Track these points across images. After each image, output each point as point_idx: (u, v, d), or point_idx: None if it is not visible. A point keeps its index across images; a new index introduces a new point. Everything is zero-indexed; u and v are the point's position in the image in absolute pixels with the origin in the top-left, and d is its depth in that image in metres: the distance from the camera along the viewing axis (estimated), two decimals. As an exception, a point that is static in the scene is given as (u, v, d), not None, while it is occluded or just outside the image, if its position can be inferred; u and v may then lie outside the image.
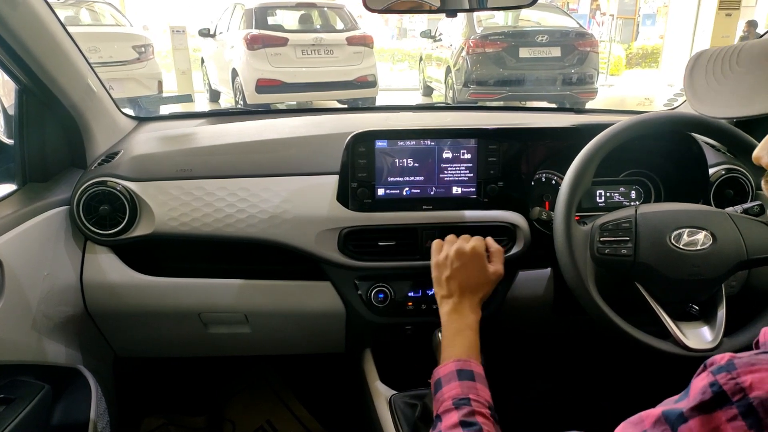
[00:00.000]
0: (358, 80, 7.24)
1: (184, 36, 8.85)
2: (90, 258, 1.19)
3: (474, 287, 0.99)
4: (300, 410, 1.77)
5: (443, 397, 0.83)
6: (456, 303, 0.97)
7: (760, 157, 0.54)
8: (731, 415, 0.39)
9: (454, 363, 0.87)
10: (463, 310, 0.96)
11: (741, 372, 0.40)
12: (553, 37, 7.19)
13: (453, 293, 0.98)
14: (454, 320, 0.95)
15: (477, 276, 0.99)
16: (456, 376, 0.85)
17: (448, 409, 0.80)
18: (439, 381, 0.87)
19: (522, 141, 1.23)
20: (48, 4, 1.07)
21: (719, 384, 0.40)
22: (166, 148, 1.29)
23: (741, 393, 0.39)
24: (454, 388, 0.83)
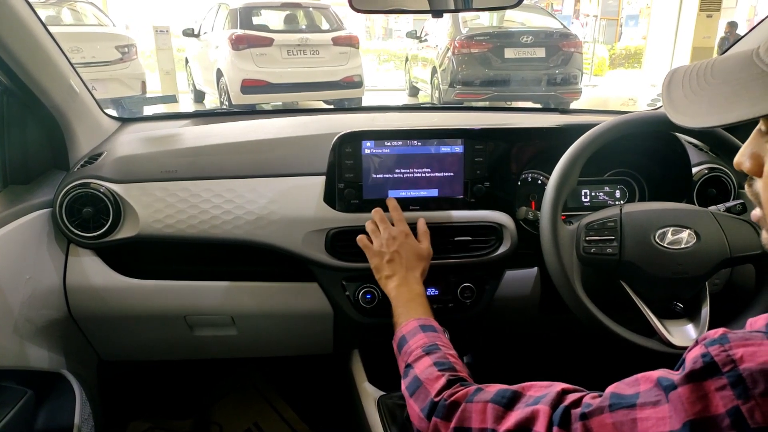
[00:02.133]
0: (344, 80, 7.22)
1: (167, 36, 8.77)
2: (73, 261, 1.17)
3: (412, 264, 1.04)
4: (287, 412, 1.77)
5: (410, 348, 0.86)
6: (401, 278, 1.01)
7: (740, 163, 0.55)
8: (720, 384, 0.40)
9: (415, 320, 0.92)
10: (409, 283, 1.01)
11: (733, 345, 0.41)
12: (537, 38, 7.24)
13: (396, 271, 1.02)
14: (404, 292, 1.00)
15: (412, 254, 1.05)
16: (420, 330, 0.89)
17: (419, 356, 0.83)
18: (404, 337, 0.90)
19: (508, 141, 1.23)
20: (29, 4, 1.05)
21: (711, 355, 0.42)
22: (150, 149, 1.27)
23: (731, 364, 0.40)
24: (421, 339, 0.87)
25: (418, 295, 1.00)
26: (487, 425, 0.63)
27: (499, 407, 0.63)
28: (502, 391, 0.66)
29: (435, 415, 0.71)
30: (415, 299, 0.98)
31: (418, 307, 0.97)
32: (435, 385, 0.75)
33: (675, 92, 0.56)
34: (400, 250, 1.04)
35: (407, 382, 0.81)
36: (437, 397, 0.73)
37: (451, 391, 0.73)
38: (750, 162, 0.54)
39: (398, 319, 0.96)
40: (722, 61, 0.55)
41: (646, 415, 0.45)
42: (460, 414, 0.68)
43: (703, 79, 0.54)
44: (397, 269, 1.02)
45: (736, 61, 0.52)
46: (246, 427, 1.72)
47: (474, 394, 0.69)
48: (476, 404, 0.66)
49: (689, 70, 0.57)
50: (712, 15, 10.60)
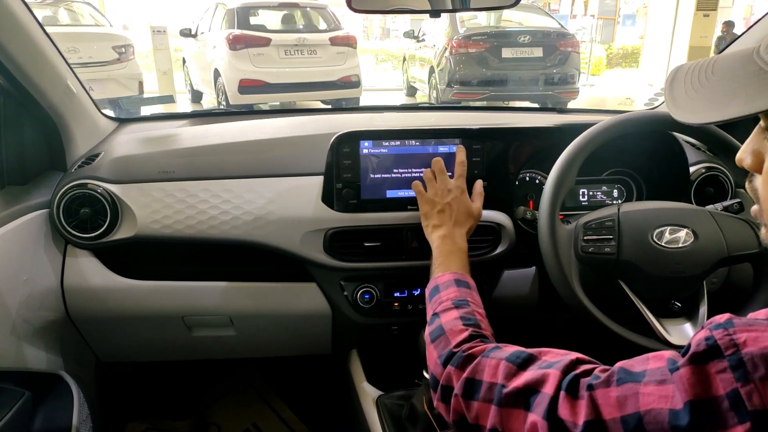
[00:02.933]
0: (342, 80, 7.22)
1: (165, 36, 8.77)
2: (71, 262, 1.17)
3: (461, 220, 1.04)
4: (286, 412, 1.76)
5: (441, 299, 0.87)
6: (448, 230, 1.01)
7: (742, 159, 0.56)
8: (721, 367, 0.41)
9: (451, 274, 0.92)
10: (454, 237, 1.01)
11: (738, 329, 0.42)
12: (535, 38, 7.25)
13: (444, 223, 1.02)
14: (447, 244, 0.99)
15: (464, 210, 1.05)
16: (454, 283, 0.90)
17: (447, 308, 0.85)
18: (437, 287, 0.91)
19: (506, 141, 1.23)
20: (25, 4, 1.05)
21: (714, 338, 0.43)
22: (147, 149, 1.27)
23: (734, 348, 0.41)
24: (453, 292, 0.88)
25: (460, 249, 0.99)
26: (497, 380, 0.64)
27: (512, 366, 0.64)
28: (518, 352, 0.67)
29: (451, 363, 0.73)
30: (456, 253, 0.98)
31: (458, 261, 0.96)
32: (457, 337, 0.77)
33: (677, 89, 0.57)
34: (453, 203, 1.04)
35: (431, 329, 0.83)
36: (456, 348, 0.74)
37: (470, 345, 0.74)
38: (751, 158, 0.55)
39: (435, 269, 0.96)
40: (723, 58, 0.55)
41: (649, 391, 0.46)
42: (473, 366, 0.69)
43: (704, 77, 0.55)
44: (446, 221, 1.02)
45: (736, 58, 0.53)
46: (244, 428, 1.72)
47: (491, 350, 0.70)
48: (491, 360, 0.68)
49: (692, 67, 0.58)
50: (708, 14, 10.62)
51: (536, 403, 0.57)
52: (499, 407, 0.62)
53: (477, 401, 0.65)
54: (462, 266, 0.96)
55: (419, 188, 1.08)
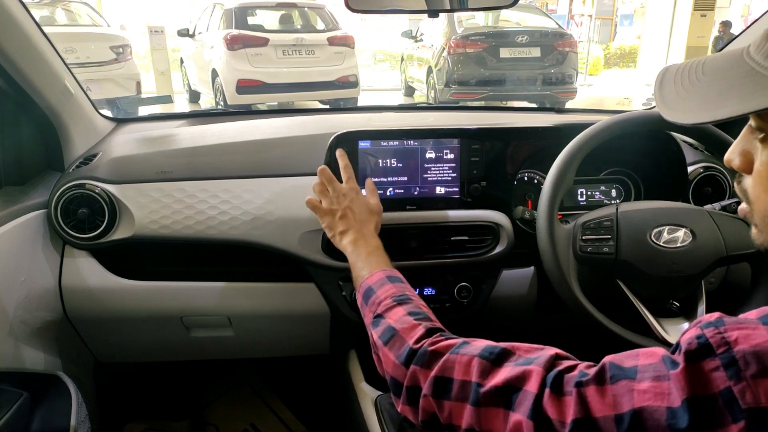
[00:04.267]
0: (340, 80, 7.22)
1: (162, 36, 8.76)
2: (68, 262, 1.17)
3: (364, 218, 1.01)
4: (284, 413, 1.76)
5: (379, 299, 0.83)
6: (356, 232, 0.98)
7: (730, 160, 0.56)
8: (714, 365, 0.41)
9: (381, 272, 0.88)
10: (365, 237, 0.98)
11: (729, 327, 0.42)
12: (532, 38, 7.25)
13: (350, 226, 0.99)
14: (361, 245, 0.96)
15: (364, 208, 1.02)
16: (388, 280, 0.86)
17: (389, 306, 0.80)
18: (370, 288, 0.86)
19: (504, 141, 1.23)
20: (23, 4, 1.05)
21: (706, 336, 0.43)
22: (145, 149, 1.27)
23: (726, 346, 0.41)
24: (390, 289, 0.84)
25: (376, 248, 0.96)
26: (471, 378, 0.61)
27: (486, 362, 0.61)
28: (490, 347, 0.63)
29: (414, 362, 0.68)
30: (374, 252, 0.95)
31: (380, 258, 0.93)
32: (412, 334, 0.73)
33: (667, 89, 0.57)
34: (351, 206, 1.01)
35: (379, 332, 0.77)
36: (416, 345, 0.70)
37: (433, 340, 0.70)
38: (740, 159, 0.55)
39: (360, 272, 0.92)
40: (713, 59, 0.56)
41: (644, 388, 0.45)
42: (442, 364, 0.65)
43: (695, 77, 0.55)
44: (351, 224, 0.99)
45: (726, 59, 0.53)
46: (243, 428, 1.71)
47: (460, 346, 0.66)
48: (461, 356, 0.64)
49: (681, 68, 0.58)
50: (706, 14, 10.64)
51: (519, 401, 0.55)
52: (476, 407, 0.59)
53: (450, 401, 0.62)
54: (385, 262, 0.93)
55: (314, 203, 1.03)
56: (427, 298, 1.22)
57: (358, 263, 0.94)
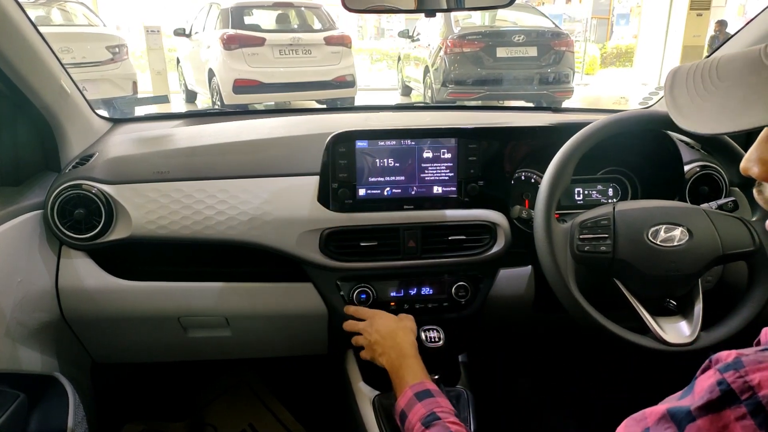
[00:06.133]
0: (337, 80, 7.21)
1: (158, 36, 8.73)
2: (65, 263, 1.17)
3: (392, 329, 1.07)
4: (283, 413, 1.76)
5: (411, 425, 0.87)
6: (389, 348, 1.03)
7: (748, 168, 0.53)
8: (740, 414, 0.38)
9: (409, 389, 0.92)
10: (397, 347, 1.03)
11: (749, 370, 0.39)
12: (529, 37, 7.25)
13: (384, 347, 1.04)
14: (394, 359, 1.01)
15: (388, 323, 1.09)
16: (416, 400, 0.90)
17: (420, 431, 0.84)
18: (403, 412, 0.90)
19: (501, 140, 1.23)
20: (18, 4, 1.04)
21: (727, 382, 0.40)
22: (142, 149, 1.27)
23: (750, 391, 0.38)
24: (419, 411, 0.88)
25: (406, 356, 1.00)
26: None
27: None
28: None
29: None
30: (405, 362, 0.99)
31: (409, 370, 0.97)
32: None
33: (680, 95, 0.54)
34: (379, 329, 1.07)
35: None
36: None
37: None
38: (759, 167, 0.52)
39: (396, 390, 0.97)
40: (728, 62, 0.52)
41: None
42: None
43: (710, 82, 0.52)
44: (384, 345, 1.05)
45: (743, 63, 0.50)
46: (241, 429, 1.71)
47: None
48: None
49: (692, 70, 0.55)
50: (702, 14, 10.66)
51: None
52: None
53: None
54: (414, 373, 0.96)
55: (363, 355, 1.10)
56: (424, 297, 1.23)
57: (394, 381, 0.99)
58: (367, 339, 1.09)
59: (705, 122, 0.50)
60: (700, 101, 0.51)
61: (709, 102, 0.51)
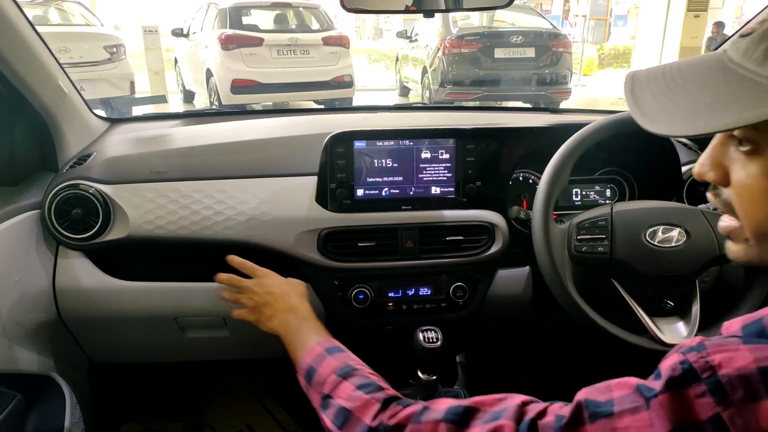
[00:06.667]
0: (335, 80, 7.21)
1: (156, 36, 8.72)
2: (62, 263, 1.16)
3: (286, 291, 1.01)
4: (280, 413, 1.76)
5: (323, 377, 0.78)
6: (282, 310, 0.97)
7: (703, 173, 0.55)
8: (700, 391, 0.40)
9: (317, 345, 0.85)
10: (292, 309, 0.97)
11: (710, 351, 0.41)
12: (527, 38, 7.27)
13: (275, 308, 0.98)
14: (291, 321, 0.95)
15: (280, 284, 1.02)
16: (327, 354, 0.83)
17: (336, 383, 0.76)
18: (311, 368, 0.82)
19: (499, 141, 1.24)
20: (16, 3, 1.04)
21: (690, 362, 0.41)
22: (139, 149, 1.27)
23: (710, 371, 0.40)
24: (331, 363, 0.80)
25: (305, 318, 0.94)
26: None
27: (452, 426, 0.57)
28: (454, 408, 0.59)
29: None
30: (304, 324, 0.93)
31: (311, 330, 0.91)
32: (368, 411, 0.67)
33: (643, 98, 0.53)
34: (269, 289, 1.01)
35: (332, 415, 0.72)
36: (374, 422, 0.65)
37: (391, 413, 0.66)
38: (715, 172, 0.53)
39: (296, 352, 0.88)
40: (690, 64, 0.53)
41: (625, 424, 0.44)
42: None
43: (674, 84, 0.52)
44: (275, 305, 0.98)
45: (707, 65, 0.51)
46: (239, 429, 1.71)
47: (420, 413, 0.62)
48: (425, 424, 0.60)
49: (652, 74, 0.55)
50: (699, 15, 10.70)
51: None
52: None
53: None
54: (317, 332, 0.90)
55: (240, 314, 1.04)
56: (422, 298, 1.23)
57: (292, 342, 0.91)
58: (253, 299, 1.01)
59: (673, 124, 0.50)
60: (666, 102, 0.51)
61: (674, 103, 0.50)
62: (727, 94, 0.47)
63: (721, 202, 0.54)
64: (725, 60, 0.49)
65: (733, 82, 0.47)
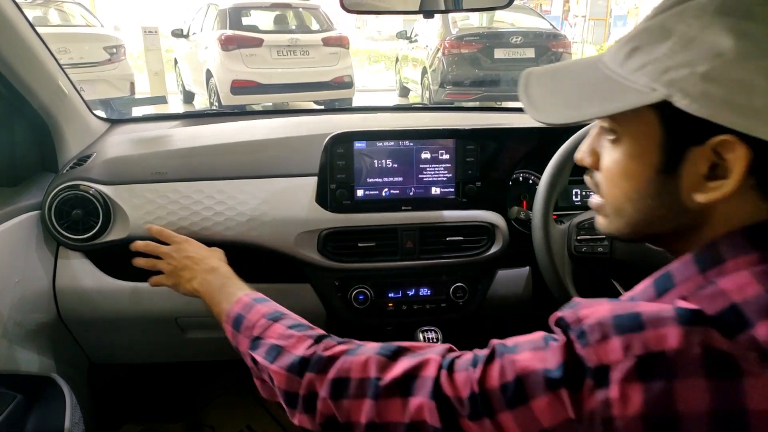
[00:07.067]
0: (335, 81, 7.20)
1: (156, 37, 8.70)
2: (62, 264, 1.16)
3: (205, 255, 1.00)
4: (280, 414, 1.76)
5: (252, 322, 0.79)
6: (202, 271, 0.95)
7: (582, 159, 0.63)
8: (573, 337, 0.49)
9: (245, 296, 0.85)
10: (213, 270, 0.95)
11: (580, 308, 0.51)
12: (527, 39, 7.27)
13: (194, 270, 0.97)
14: (212, 280, 0.93)
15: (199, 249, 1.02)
16: (256, 303, 0.83)
17: (266, 325, 0.77)
18: (239, 315, 0.81)
19: (499, 141, 1.24)
20: (16, 4, 1.04)
21: (564, 317, 0.51)
22: (139, 150, 1.27)
23: (578, 322, 0.49)
24: (260, 310, 0.80)
25: (228, 277, 0.93)
26: (369, 375, 0.61)
27: (383, 358, 0.62)
28: (386, 345, 0.64)
29: (309, 370, 0.66)
30: (228, 282, 0.91)
31: (236, 287, 0.89)
32: (301, 344, 0.70)
33: (533, 92, 0.60)
34: (187, 253, 1.00)
35: (263, 353, 0.73)
36: (308, 351, 0.68)
37: (326, 345, 0.69)
38: (591, 158, 0.61)
39: (220, 306, 0.87)
40: (574, 64, 0.61)
41: (525, 357, 0.52)
42: (338, 366, 0.64)
43: (559, 80, 0.60)
44: (195, 267, 0.97)
45: (586, 64, 0.58)
46: (238, 429, 1.71)
47: (356, 348, 0.66)
48: (357, 357, 0.64)
49: (544, 71, 0.62)
50: (698, 15, 10.70)
51: (418, 387, 0.57)
52: (376, 400, 0.59)
53: (349, 399, 0.62)
54: (242, 288, 0.89)
55: (157, 281, 1.03)
56: (422, 298, 1.23)
57: (215, 298, 0.89)
58: (171, 264, 1.00)
59: (552, 114, 0.57)
60: (549, 96, 0.59)
61: (556, 96, 0.58)
62: (594, 90, 0.54)
63: (592, 183, 0.63)
64: (598, 61, 0.57)
65: (600, 80, 0.54)
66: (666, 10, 0.50)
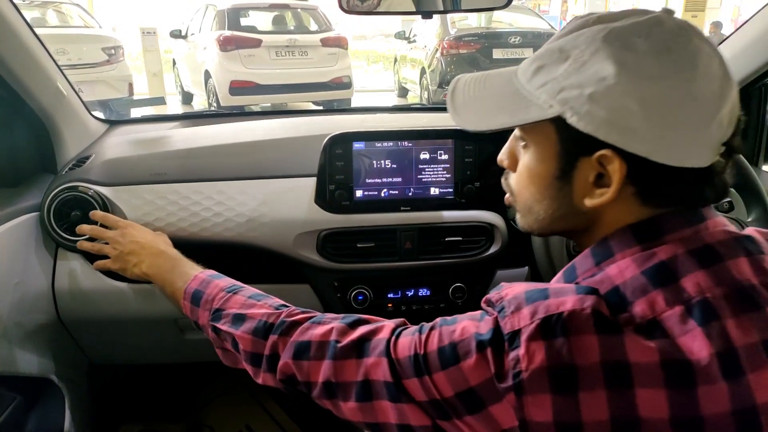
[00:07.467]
0: (333, 81, 7.20)
1: (155, 37, 8.71)
2: (62, 265, 1.16)
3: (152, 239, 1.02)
4: (280, 414, 1.76)
5: (211, 296, 0.81)
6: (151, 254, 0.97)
7: (502, 160, 0.68)
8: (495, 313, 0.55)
9: (201, 273, 0.87)
10: (162, 253, 0.97)
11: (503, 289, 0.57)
12: (525, 39, 7.28)
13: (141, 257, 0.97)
14: (163, 261, 0.95)
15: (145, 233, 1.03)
16: (212, 279, 0.85)
17: (225, 298, 0.80)
18: (197, 290, 0.84)
19: (497, 141, 1.24)
20: (14, 5, 1.04)
21: (490, 298, 0.58)
22: (138, 151, 1.27)
23: (501, 299, 0.56)
24: (219, 284, 0.83)
25: (177, 258, 0.95)
26: (329, 338, 0.67)
27: (344, 326, 0.68)
28: (349, 315, 0.70)
29: (273, 332, 0.71)
30: (180, 262, 0.93)
31: (187, 267, 0.91)
32: (264, 312, 0.75)
33: (458, 98, 0.66)
34: (133, 238, 1.01)
35: (227, 322, 0.76)
36: (271, 318, 0.73)
37: (289, 312, 0.74)
38: (508, 160, 0.67)
39: (175, 285, 0.88)
40: (494, 75, 0.65)
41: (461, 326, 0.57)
42: (301, 330, 0.70)
43: (482, 88, 0.65)
44: (142, 251, 0.98)
45: (504, 77, 0.63)
46: (238, 430, 1.71)
47: (319, 318, 0.72)
48: (321, 325, 0.70)
49: (469, 79, 0.67)
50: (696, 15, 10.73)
51: (372, 348, 0.63)
52: (333, 360, 0.65)
53: (309, 360, 0.67)
54: (193, 266, 0.91)
55: (102, 265, 1.04)
56: (421, 298, 1.23)
57: (167, 279, 0.91)
58: (117, 249, 1.01)
59: (469, 122, 0.63)
60: (471, 103, 0.64)
61: (475, 105, 0.64)
62: (505, 101, 0.60)
63: (506, 184, 0.69)
64: (513, 74, 0.62)
65: (512, 93, 0.60)
66: (567, 34, 0.56)
